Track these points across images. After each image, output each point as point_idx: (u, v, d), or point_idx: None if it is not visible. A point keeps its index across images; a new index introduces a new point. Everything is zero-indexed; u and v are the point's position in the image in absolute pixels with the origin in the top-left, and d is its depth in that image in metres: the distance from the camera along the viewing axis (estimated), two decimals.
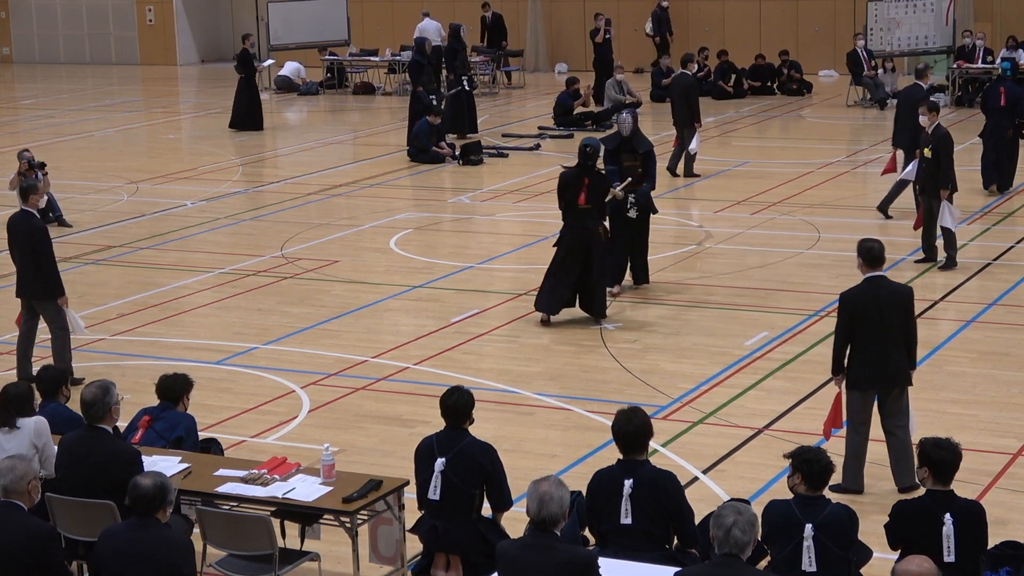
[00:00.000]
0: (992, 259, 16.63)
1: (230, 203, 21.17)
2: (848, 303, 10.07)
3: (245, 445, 11.31)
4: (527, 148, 25.36)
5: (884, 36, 30.14)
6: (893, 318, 9.99)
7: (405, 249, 17.91)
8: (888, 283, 10.13)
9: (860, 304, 10.01)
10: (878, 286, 10.03)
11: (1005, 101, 20.31)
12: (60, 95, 35.75)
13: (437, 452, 8.61)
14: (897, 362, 10.02)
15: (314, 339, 14.22)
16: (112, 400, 8.55)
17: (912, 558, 6.56)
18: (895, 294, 10.08)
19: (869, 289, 10.04)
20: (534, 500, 7.08)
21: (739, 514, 6.77)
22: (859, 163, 23.10)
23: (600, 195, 14.40)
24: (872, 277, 10.06)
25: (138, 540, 7.31)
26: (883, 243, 10.28)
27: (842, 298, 10.13)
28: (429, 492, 8.59)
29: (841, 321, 10.10)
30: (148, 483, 7.37)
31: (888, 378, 10.06)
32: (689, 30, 35.68)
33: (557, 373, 13.07)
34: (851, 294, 10.11)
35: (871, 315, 9.96)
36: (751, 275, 16.05)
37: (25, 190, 12.85)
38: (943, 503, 7.74)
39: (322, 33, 34.03)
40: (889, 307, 9.99)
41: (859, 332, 9.98)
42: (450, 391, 8.77)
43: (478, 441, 8.69)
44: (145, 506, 7.34)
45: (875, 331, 9.94)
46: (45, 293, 12.72)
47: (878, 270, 10.09)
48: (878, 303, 9.97)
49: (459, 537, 8.59)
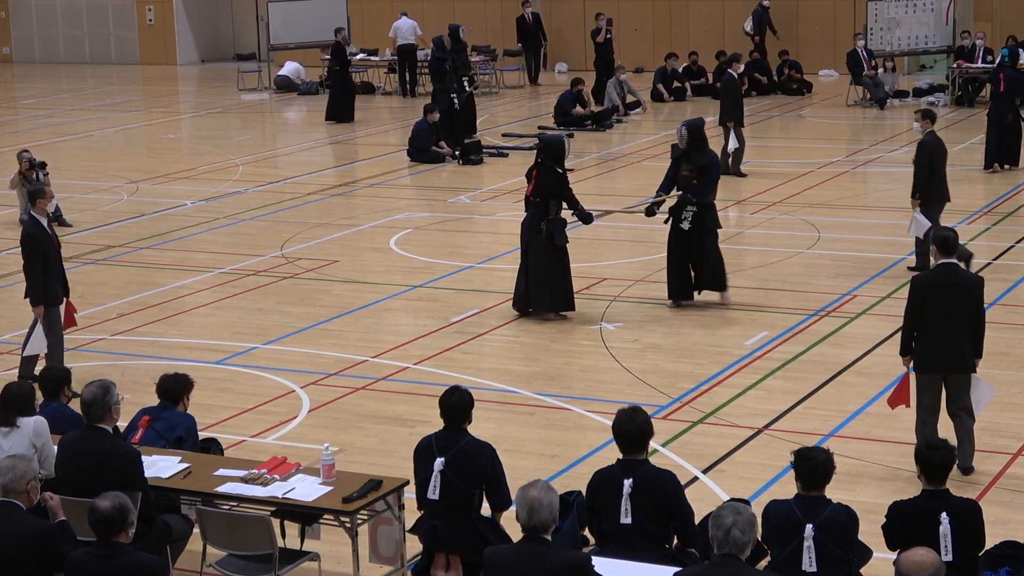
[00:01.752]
0: (992, 259, 16.63)
1: (230, 203, 21.17)
2: (919, 287, 10.27)
3: (245, 445, 11.31)
4: (527, 148, 25.34)
5: (884, 36, 30.14)
6: (962, 305, 10.20)
7: (405, 249, 17.91)
8: (960, 271, 10.40)
9: (931, 289, 10.21)
10: (950, 273, 10.25)
11: (1004, 87, 21.82)
12: (60, 95, 35.76)
13: (436, 452, 8.61)
14: (962, 348, 10.24)
15: (314, 339, 14.22)
16: (112, 400, 8.54)
17: (916, 549, 6.57)
18: (965, 282, 10.31)
19: (941, 276, 10.26)
20: (523, 507, 7.04)
21: (738, 514, 6.78)
22: (859, 163, 23.09)
23: (547, 190, 14.32)
24: (944, 264, 10.28)
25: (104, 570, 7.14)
26: (957, 233, 10.51)
27: (914, 282, 10.36)
28: (428, 492, 8.60)
29: (912, 305, 10.28)
30: (106, 505, 7.19)
31: (952, 363, 10.28)
32: (689, 30, 35.69)
33: (557, 373, 13.06)
34: (922, 279, 10.38)
35: (940, 301, 10.17)
36: (751, 275, 16.05)
37: (32, 194, 12.68)
38: (938, 502, 7.76)
39: (322, 33, 34.01)
40: (958, 294, 10.20)
41: (928, 317, 10.18)
42: (450, 391, 8.77)
43: (477, 441, 8.69)
44: (105, 529, 7.18)
45: (942, 317, 10.16)
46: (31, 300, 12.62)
47: (951, 258, 10.28)
48: (948, 289, 10.18)
49: (459, 536, 8.60)
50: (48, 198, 12.71)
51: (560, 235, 14.46)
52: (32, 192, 12.75)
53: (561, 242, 14.45)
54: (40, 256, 12.52)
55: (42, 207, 12.58)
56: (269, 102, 33.81)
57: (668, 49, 32.56)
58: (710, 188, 14.72)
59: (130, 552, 7.22)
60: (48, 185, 19.81)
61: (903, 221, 18.55)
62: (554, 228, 14.47)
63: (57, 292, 12.71)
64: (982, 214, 19.04)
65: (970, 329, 10.24)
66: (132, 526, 7.29)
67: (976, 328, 10.28)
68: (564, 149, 14.50)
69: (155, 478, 8.67)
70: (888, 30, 30.14)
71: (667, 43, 34.41)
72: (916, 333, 10.30)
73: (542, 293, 14.52)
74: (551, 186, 14.41)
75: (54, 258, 12.67)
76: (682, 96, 31.38)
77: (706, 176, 14.64)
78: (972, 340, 10.27)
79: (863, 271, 16.16)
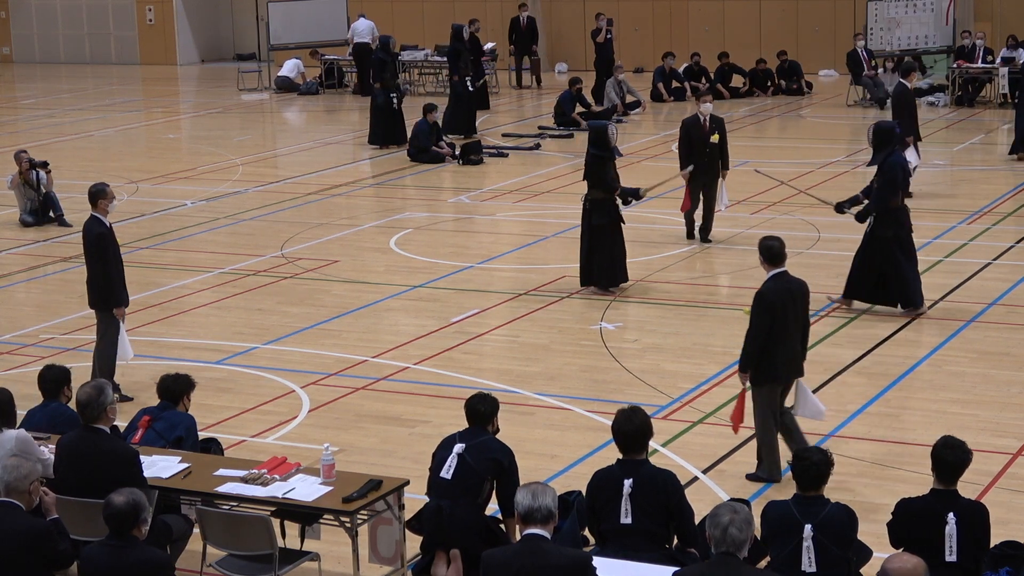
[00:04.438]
0: (992, 259, 16.63)
1: (230, 203, 21.17)
2: (768, 300, 10.20)
3: (245, 445, 11.31)
4: (527, 148, 25.36)
5: (884, 36, 30.14)
6: (798, 312, 10.29)
7: (405, 249, 17.91)
8: (792, 278, 10.39)
9: (777, 299, 10.19)
10: (786, 281, 10.29)
11: None
12: (60, 95, 35.76)
13: (458, 441, 8.74)
14: (799, 354, 10.37)
15: (314, 339, 14.22)
16: (107, 400, 8.53)
17: (900, 555, 6.57)
18: (801, 288, 10.37)
19: (780, 284, 10.26)
20: (527, 494, 7.08)
21: (735, 513, 6.79)
22: (859, 163, 23.08)
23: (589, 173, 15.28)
24: (778, 273, 10.30)
25: (118, 564, 7.21)
26: (782, 241, 10.47)
27: (762, 297, 10.23)
28: (442, 471, 8.63)
29: (762, 319, 10.18)
30: (121, 500, 7.26)
31: (798, 370, 10.39)
32: (689, 30, 35.70)
33: (557, 373, 13.06)
34: (769, 292, 10.24)
35: (786, 308, 10.19)
36: (751, 275, 16.03)
37: (93, 195, 12.22)
38: (947, 503, 7.75)
39: (322, 33, 34.04)
40: (797, 301, 10.28)
41: (777, 326, 10.16)
42: (478, 398, 8.90)
43: (500, 441, 8.84)
44: (119, 524, 7.25)
45: (788, 325, 10.19)
46: (100, 302, 12.33)
47: (781, 267, 10.32)
48: (790, 296, 10.23)
49: (463, 520, 8.57)
50: (109, 199, 12.28)
51: (599, 215, 15.16)
52: (93, 192, 12.25)
53: (598, 222, 15.15)
54: (117, 255, 12.31)
55: (103, 207, 12.21)
56: (269, 102, 33.81)
57: (668, 49, 32.55)
58: (887, 193, 14.21)
59: (142, 547, 7.30)
60: (51, 184, 19.99)
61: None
62: (593, 208, 15.22)
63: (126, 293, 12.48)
64: (982, 214, 19.04)
65: (802, 332, 10.37)
66: (146, 523, 7.37)
67: (804, 332, 10.41)
68: (605, 135, 15.14)
69: (155, 478, 8.67)
70: (888, 30, 30.14)
71: (667, 43, 34.40)
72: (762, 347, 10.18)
73: (583, 269, 15.41)
74: (592, 169, 15.18)
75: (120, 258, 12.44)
76: (682, 96, 31.38)
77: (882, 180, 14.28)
78: (802, 344, 10.38)
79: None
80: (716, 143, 17.24)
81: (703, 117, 17.29)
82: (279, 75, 34.85)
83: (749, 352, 10.21)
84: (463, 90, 26.83)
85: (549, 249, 17.61)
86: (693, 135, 17.32)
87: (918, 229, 18.10)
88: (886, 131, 14.50)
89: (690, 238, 17.66)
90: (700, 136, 17.26)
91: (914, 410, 11.84)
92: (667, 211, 19.09)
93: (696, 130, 17.30)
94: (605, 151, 15.16)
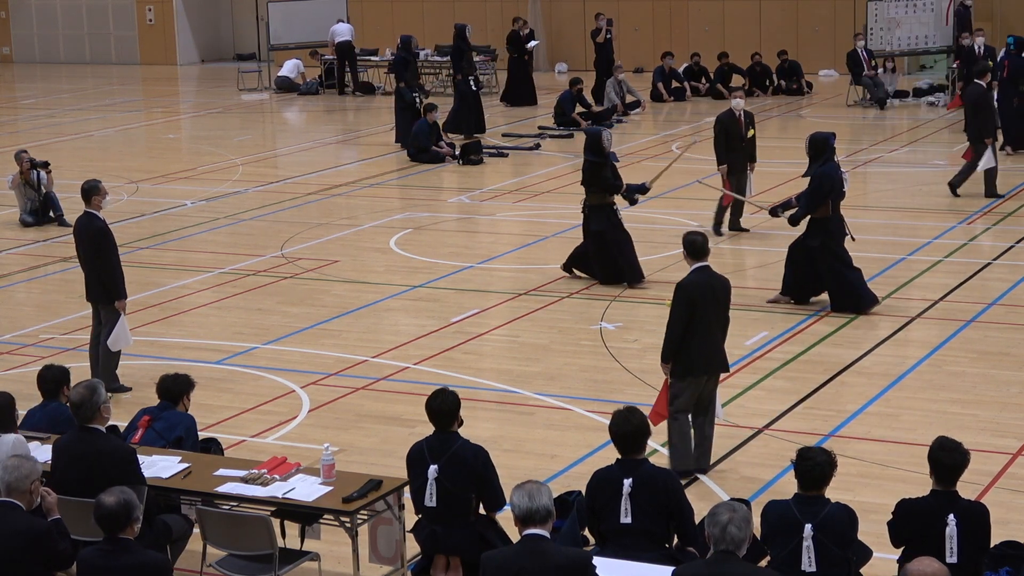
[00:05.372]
0: (992, 259, 16.63)
1: (230, 203, 21.17)
2: (688, 293, 10.30)
3: (245, 445, 11.31)
4: (527, 148, 25.36)
5: (884, 36, 30.14)
6: (720, 306, 10.41)
7: (405, 249, 17.91)
8: (714, 273, 10.50)
9: (698, 293, 10.28)
10: (708, 275, 10.40)
11: (1007, 73, 23.14)
12: (60, 95, 35.76)
13: (429, 458, 8.57)
14: (721, 347, 10.49)
15: (314, 339, 14.22)
16: (100, 399, 8.52)
17: (922, 559, 6.57)
18: (721, 283, 10.48)
19: (702, 278, 10.36)
20: (523, 496, 7.02)
21: (733, 511, 6.79)
22: (859, 163, 23.10)
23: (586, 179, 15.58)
24: (700, 267, 10.40)
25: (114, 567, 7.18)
26: (706, 236, 10.55)
27: (680, 288, 10.34)
28: (425, 499, 8.57)
29: (681, 311, 10.29)
30: (111, 501, 7.23)
31: (719, 364, 10.48)
32: (689, 30, 35.70)
33: (557, 373, 13.06)
34: (689, 284, 10.34)
35: (705, 304, 10.29)
36: (751, 275, 16.04)
37: (86, 191, 12.53)
38: (947, 503, 7.73)
39: (322, 33, 34.05)
40: (717, 295, 10.39)
41: (697, 320, 10.25)
42: (435, 394, 8.72)
43: (469, 444, 8.65)
44: (111, 524, 7.22)
45: (708, 319, 10.29)
46: (103, 296, 12.55)
47: (703, 261, 10.41)
48: (711, 291, 10.33)
49: (458, 540, 8.58)
50: (103, 195, 12.62)
51: (596, 221, 15.51)
52: (87, 188, 12.57)
53: (596, 227, 15.51)
54: (116, 248, 12.59)
55: (97, 203, 12.53)
56: (269, 102, 33.81)
57: (668, 49, 32.55)
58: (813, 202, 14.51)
59: (138, 550, 7.26)
60: (51, 184, 19.99)
61: (903, 221, 18.64)
62: (592, 214, 15.60)
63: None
64: (982, 214, 19.03)
65: (723, 328, 10.48)
66: (138, 521, 7.33)
67: (724, 328, 10.54)
68: (600, 141, 15.42)
69: (155, 478, 8.67)
70: (888, 30, 30.14)
71: (667, 43, 34.39)
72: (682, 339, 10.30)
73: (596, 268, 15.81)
74: (588, 174, 15.51)
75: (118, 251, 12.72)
76: (682, 96, 31.39)
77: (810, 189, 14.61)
78: (724, 339, 10.52)
79: (863, 271, 16.13)
80: (751, 137, 17.66)
81: (738, 112, 17.68)
82: (279, 75, 34.86)
83: (668, 344, 10.38)
84: (467, 89, 26.82)
85: (549, 249, 17.60)
86: (730, 130, 17.68)
87: (918, 229, 18.21)
88: (821, 141, 14.78)
89: (717, 234, 17.81)
90: (737, 131, 17.63)
91: (914, 410, 11.84)
92: (667, 211, 19.10)
93: (733, 126, 17.67)
94: (601, 156, 15.40)
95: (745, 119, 17.70)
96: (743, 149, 17.64)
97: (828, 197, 14.44)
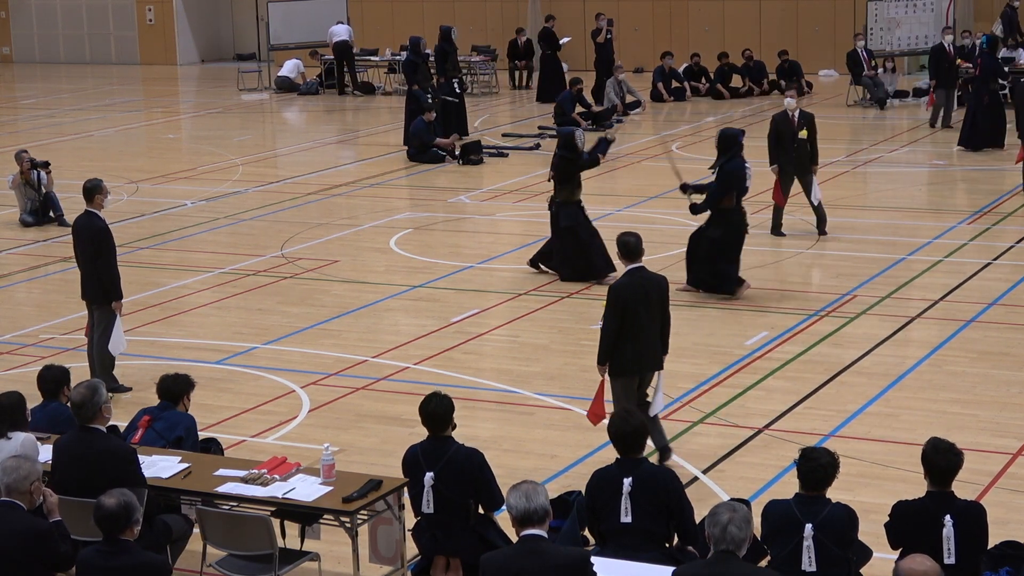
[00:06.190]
0: (992, 259, 16.63)
1: (230, 203, 21.17)
2: (620, 295, 10.38)
3: (245, 445, 11.31)
4: (527, 148, 25.35)
5: (884, 36, 30.15)
6: (655, 307, 10.45)
7: (405, 249, 17.91)
8: (648, 273, 10.55)
9: (629, 294, 10.36)
10: (642, 276, 10.46)
11: (979, 71, 24.00)
12: (60, 95, 35.76)
13: (424, 465, 8.57)
14: (657, 347, 10.55)
15: (314, 339, 14.22)
16: (101, 399, 8.52)
17: (914, 556, 6.57)
18: (656, 283, 10.53)
19: (634, 280, 10.43)
20: (520, 497, 7.01)
21: (733, 511, 6.79)
22: (859, 163, 23.10)
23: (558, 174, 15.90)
24: (633, 268, 10.48)
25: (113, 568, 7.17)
26: (639, 237, 10.61)
27: (612, 290, 10.45)
28: (423, 505, 8.58)
29: (614, 313, 10.37)
30: (112, 503, 7.23)
31: (651, 362, 10.52)
32: (689, 30, 35.70)
33: (557, 373, 13.06)
34: (621, 286, 10.44)
35: (639, 304, 10.35)
36: (751, 275, 16.03)
37: (89, 190, 12.47)
38: (943, 505, 7.72)
39: (322, 33, 34.06)
40: (651, 296, 10.44)
41: (628, 321, 10.33)
42: (428, 398, 8.73)
43: (464, 448, 8.64)
44: (111, 526, 7.22)
45: (642, 319, 10.36)
46: (101, 296, 12.52)
47: (637, 262, 10.49)
48: (644, 292, 10.39)
49: (458, 542, 8.58)
50: (105, 194, 12.58)
51: (565, 217, 15.72)
52: (89, 187, 12.50)
53: (566, 223, 15.71)
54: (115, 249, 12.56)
55: (99, 202, 12.47)
56: (269, 102, 33.81)
57: (668, 49, 32.55)
58: (719, 195, 15.00)
59: (137, 551, 7.25)
60: (51, 184, 19.98)
61: (903, 221, 18.63)
62: (560, 211, 15.82)
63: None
64: (982, 214, 19.04)
65: (659, 328, 10.54)
66: (138, 523, 7.32)
67: (664, 326, 10.57)
68: (573, 139, 15.80)
69: (155, 478, 8.67)
70: (888, 30, 30.14)
71: (667, 43, 34.39)
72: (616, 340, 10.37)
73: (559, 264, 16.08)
74: (560, 170, 15.83)
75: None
76: (682, 96, 31.39)
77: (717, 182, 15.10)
78: (662, 338, 10.58)
79: (863, 271, 16.16)
80: (804, 138, 17.58)
81: (791, 112, 17.72)
82: (279, 75, 34.86)
83: (602, 345, 10.47)
84: (450, 92, 26.72)
85: None
86: (782, 130, 17.72)
87: (918, 229, 18.21)
88: (729, 137, 15.16)
89: (775, 233, 17.91)
90: (789, 131, 17.65)
91: (914, 410, 11.84)
92: (667, 211, 19.10)
93: (785, 125, 17.71)
94: (573, 153, 15.77)
95: (800, 119, 17.64)
96: (796, 149, 17.57)
97: (732, 192, 14.90)
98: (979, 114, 23.67)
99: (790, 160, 17.58)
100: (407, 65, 26.48)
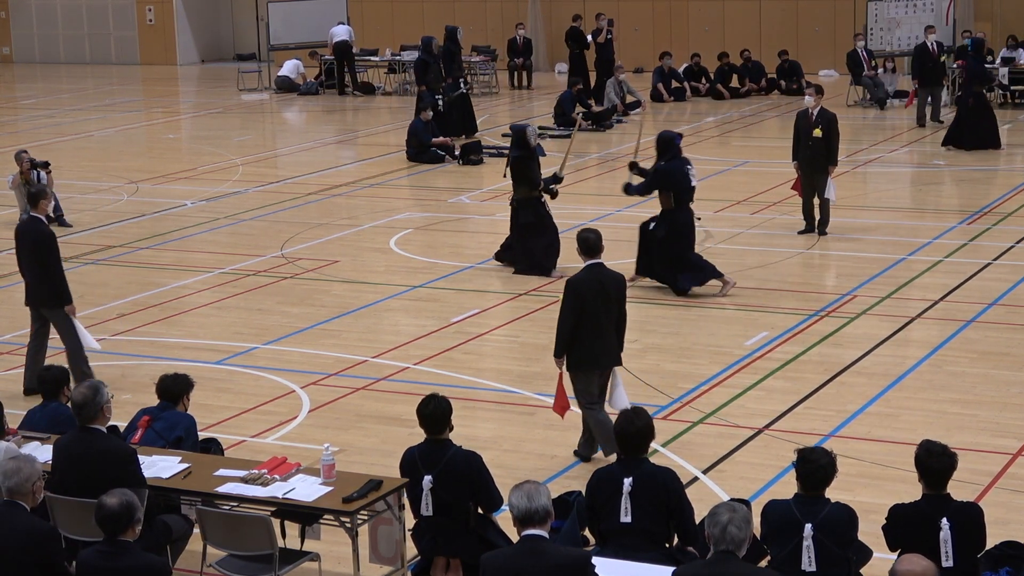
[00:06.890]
0: (992, 259, 16.63)
1: (230, 203, 21.17)
2: (576, 289, 10.45)
3: (245, 445, 11.31)
4: None
5: (884, 36, 30.15)
6: (611, 303, 10.52)
7: (405, 249, 17.91)
8: (606, 270, 10.60)
9: (587, 289, 10.42)
10: (599, 272, 10.51)
11: (964, 74, 24.74)
12: (60, 95, 35.76)
13: (422, 468, 8.57)
14: (613, 343, 10.58)
15: (314, 339, 14.22)
16: (102, 399, 8.52)
17: (909, 556, 6.56)
18: (613, 280, 10.58)
19: (592, 276, 10.49)
20: (521, 497, 7.00)
21: (733, 511, 6.79)
22: (859, 163, 23.10)
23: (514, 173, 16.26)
24: (592, 264, 10.54)
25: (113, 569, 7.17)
26: (599, 233, 10.66)
27: (569, 284, 10.53)
28: (422, 508, 8.58)
29: (570, 306, 10.44)
30: (113, 503, 7.22)
31: (607, 358, 10.58)
32: (689, 30, 35.70)
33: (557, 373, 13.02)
34: (577, 281, 10.52)
35: (595, 300, 10.42)
36: (751, 275, 16.05)
37: (35, 195, 12.63)
38: (939, 507, 7.70)
39: (322, 33, 34.07)
40: (608, 292, 10.50)
41: (584, 316, 10.39)
42: (426, 400, 8.74)
43: (462, 452, 8.64)
44: (112, 526, 7.21)
45: (598, 315, 10.42)
46: (52, 301, 12.55)
47: (596, 258, 10.55)
48: (601, 288, 10.45)
49: (458, 544, 8.59)
50: (49, 199, 12.86)
51: (525, 215, 16.20)
52: (34, 193, 12.70)
53: (525, 220, 16.19)
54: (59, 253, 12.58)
55: (43, 208, 12.64)
56: (269, 102, 33.81)
57: (668, 49, 32.56)
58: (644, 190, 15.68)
59: (137, 552, 7.25)
60: (51, 184, 19.98)
61: (903, 221, 18.62)
62: (520, 208, 16.29)
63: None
64: (982, 214, 19.04)
65: (618, 325, 10.60)
66: (139, 523, 7.32)
67: (620, 323, 10.63)
68: (524, 136, 16.15)
69: (155, 478, 8.67)
70: (888, 30, 30.14)
71: (667, 43, 34.41)
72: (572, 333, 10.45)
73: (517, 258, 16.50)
74: (514, 168, 16.23)
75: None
76: (682, 96, 31.39)
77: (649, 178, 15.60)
78: (618, 335, 10.62)
79: (863, 271, 16.16)
80: (818, 137, 17.55)
81: (810, 110, 17.77)
82: (279, 75, 34.86)
83: (559, 338, 10.53)
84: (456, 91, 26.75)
85: None
86: (800, 127, 17.86)
87: (918, 229, 18.21)
88: (667, 140, 15.41)
89: (808, 231, 17.94)
90: (805, 128, 17.73)
91: (914, 410, 11.84)
92: None
93: (802, 122, 17.84)
94: (527, 151, 16.14)
95: (818, 118, 17.59)
96: (810, 147, 17.56)
97: (662, 190, 15.23)
98: (965, 116, 23.90)
99: (805, 158, 17.63)
100: (418, 64, 26.49)
